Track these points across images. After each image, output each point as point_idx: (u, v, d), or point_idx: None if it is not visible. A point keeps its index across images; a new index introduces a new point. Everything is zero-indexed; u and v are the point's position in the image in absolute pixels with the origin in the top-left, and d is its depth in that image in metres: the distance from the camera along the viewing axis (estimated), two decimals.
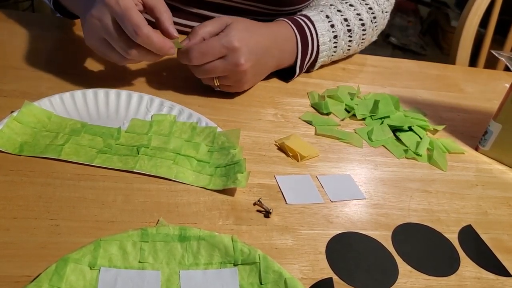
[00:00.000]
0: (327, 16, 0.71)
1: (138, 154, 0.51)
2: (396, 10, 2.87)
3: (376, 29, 0.79)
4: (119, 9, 0.51)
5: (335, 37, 0.71)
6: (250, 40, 0.60)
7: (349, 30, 0.72)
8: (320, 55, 0.71)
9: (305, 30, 0.68)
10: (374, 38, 0.81)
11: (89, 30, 0.54)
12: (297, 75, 0.70)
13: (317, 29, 0.69)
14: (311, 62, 0.71)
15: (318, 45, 0.69)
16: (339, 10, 0.72)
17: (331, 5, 0.74)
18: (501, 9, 1.15)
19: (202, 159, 0.53)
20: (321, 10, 0.72)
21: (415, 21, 2.99)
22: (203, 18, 0.78)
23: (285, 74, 0.71)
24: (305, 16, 0.70)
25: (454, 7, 2.96)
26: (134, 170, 0.49)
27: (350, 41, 0.74)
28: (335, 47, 0.72)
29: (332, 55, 0.73)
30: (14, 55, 0.64)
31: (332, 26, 0.70)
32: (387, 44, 2.82)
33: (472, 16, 1.09)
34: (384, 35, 2.82)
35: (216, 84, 0.62)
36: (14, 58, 0.63)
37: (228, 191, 0.50)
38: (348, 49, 0.75)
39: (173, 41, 0.56)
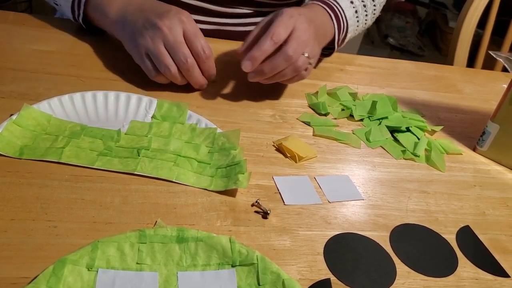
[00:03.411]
0: None
1: (139, 156, 0.51)
2: (394, 11, 2.88)
3: (381, 3, 0.84)
4: (192, 29, 0.59)
5: (356, 12, 0.76)
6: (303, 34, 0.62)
7: (364, 6, 0.77)
8: (349, 29, 0.75)
9: (334, 8, 0.73)
10: (378, 13, 0.86)
11: (152, 35, 0.58)
12: (336, 51, 0.76)
13: (341, 6, 0.73)
14: (343, 37, 0.75)
15: (346, 20, 0.74)
16: None
17: None
18: (499, 10, 1.15)
19: (203, 160, 0.53)
20: None
21: (413, 22, 2.99)
22: (205, 12, 0.79)
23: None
24: None
25: (452, 8, 2.96)
26: (135, 173, 0.49)
27: (366, 15, 0.78)
28: (358, 21, 0.77)
29: (356, 30, 0.78)
30: (13, 56, 0.64)
31: (352, 2, 0.75)
32: (385, 45, 2.82)
33: (470, 17, 1.09)
34: (382, 36, 2.82)
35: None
36: (12, 59, 0.63)
37: (228, 192, 0.50)
38: (365, 23, 0.80)
39: None
